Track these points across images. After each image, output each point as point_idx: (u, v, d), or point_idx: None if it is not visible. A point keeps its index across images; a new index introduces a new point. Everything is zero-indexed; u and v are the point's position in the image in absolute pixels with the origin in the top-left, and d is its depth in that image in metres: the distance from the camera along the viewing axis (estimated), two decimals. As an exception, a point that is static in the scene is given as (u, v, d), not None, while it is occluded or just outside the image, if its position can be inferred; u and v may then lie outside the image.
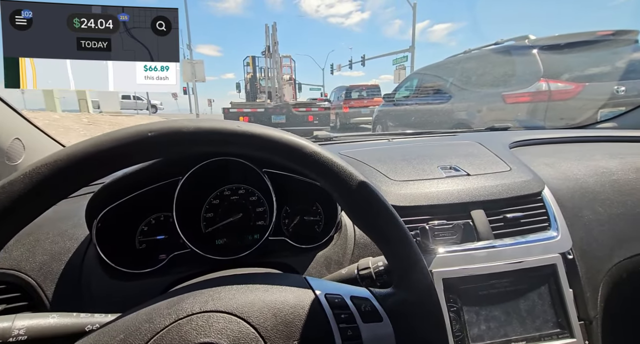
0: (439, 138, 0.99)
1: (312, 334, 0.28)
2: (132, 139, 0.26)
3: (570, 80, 3.15)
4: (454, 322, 0.48)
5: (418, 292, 0.31)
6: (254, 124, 0.30)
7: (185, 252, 0.48)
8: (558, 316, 0.50)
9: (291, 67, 9.47)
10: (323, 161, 0.30)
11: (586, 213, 0.61)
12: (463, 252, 0.51)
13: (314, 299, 0.30)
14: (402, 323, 0.30)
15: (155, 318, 0.27)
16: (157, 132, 0.27)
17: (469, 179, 0.61)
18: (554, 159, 0.73)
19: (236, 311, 0.28)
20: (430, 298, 0.30)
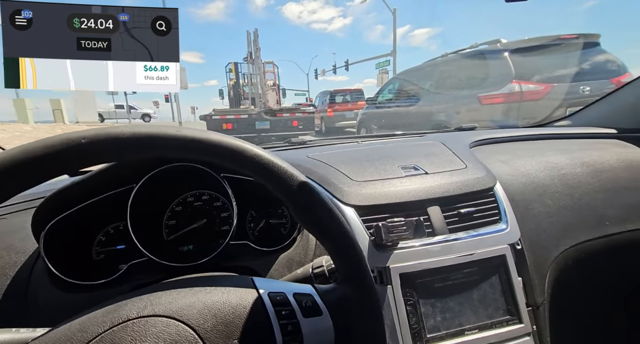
0: (406, 139, 1.02)
1: (252, 332, 0.29)
2: (64, 146, 0.26)
3: (541, 81, 3.32)
4: (410, 315, 0.50)
5: (357, 287, 0.32)
6: (197, 129, 0.31)
7: (143, 261, 0.48)
8: (508, 304, 0.53)
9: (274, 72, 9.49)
10: (265, 163, 0.32)
11: (536, 206, 0.65)
12: (419, 247, 0.54)
13: (257, 298, 0.31)
14: (341, 316, 0.31)
15: (89, 326, 0.27)
16: (91, 139, 0.27)
17: (426, 177, 0.63)
18: (509, 156, 0.77)
19: (175, 314, 0.28)
20: (368, 292, 0.32)
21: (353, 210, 0.57)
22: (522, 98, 3.37)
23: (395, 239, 0.50)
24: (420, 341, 0.49)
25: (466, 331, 0.51)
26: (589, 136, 0.89)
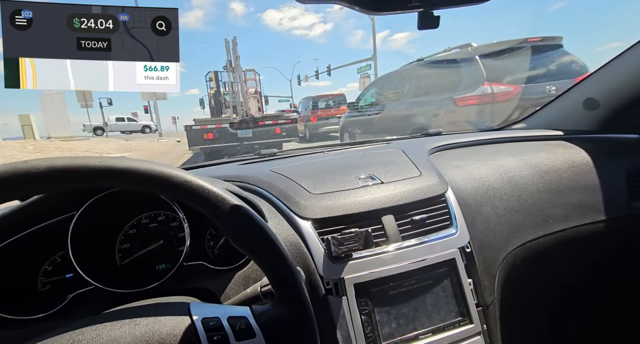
0: (370, 148, 1.05)
1: None
2: (22, 173, 0.26)
3: (511, 82, 3.48)
4: (366, 324, 0.52)
5: (292, 305, 0.33)
6: (122, 158, 0.32)
7: (90, 290, 0.47)
8: (459, 305, 0.56)
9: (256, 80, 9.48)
10: (195, 189, 0.33)
11: (486, 209, 0.68)
12: (372, 257, 0.56)
13: (189, 325, 0.32)
14: (275, 337, 0.32)
15: None
16: (45, 169, 0.27)
17: (381, 186, 0.66)
18: (464, 161, 0.81)
19: None
20: (303, 310, 0.33)
21: (309, 223, 0.58)
22: (494, 99, 3.51)
23: (346, 250, 0.52)
24: (375, 348, 0.51)
25: (420, 336, 0.53)
26: (540, 138, 0.95)
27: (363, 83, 16.30)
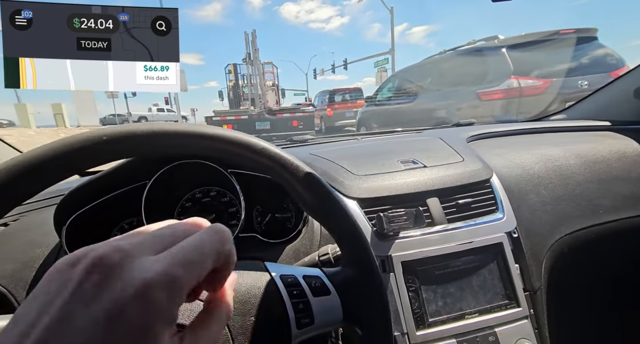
0: (404, 136, 1.05)
1: (267, 309, 0.32)
2: (87, 143, 0.28)
3: (539, 76, 3.33)
4: (413, 300, 0.53)
5: (361, 268, 0.35)
6: (208, 126, 0.34)
7: None
8: (506, 289, 0.56)
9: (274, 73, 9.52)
10: (271, 156, 0.34)
11: (531, 196, 0.67)
12: (419, 236, 0.56)
13: (269, 280, 0.34)
14: (348, 295, 0.34)
15: None
16: (111, 136, 0.30)
17: (425, 170, 0.66)
18: (505, 149, 0.79)
19: None
20: (372, 272, 0.35)
21: (355, 203, 0.59)
22: (521, 93, 3.38)
23: (396, 228, 0.53)
24: (423, 324, 0.52)
25: (466, 315, 0.53)
26: (583, 128, 0.92)
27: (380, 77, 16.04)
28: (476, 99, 3.72)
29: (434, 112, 4.37)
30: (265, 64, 8.80)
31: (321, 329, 0.33)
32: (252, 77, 8.32)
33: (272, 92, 8.37)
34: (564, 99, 2.69)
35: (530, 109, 3.35)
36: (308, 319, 0.32)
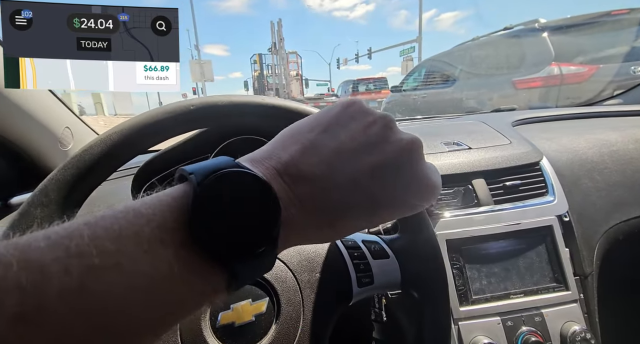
0: (444, 120, 1.03)
1: (331, 267, 0.34)
2: (179, 111, 0.32)
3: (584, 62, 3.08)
4: (457, 277, 0.53)
5: (419, 234, 0.36)
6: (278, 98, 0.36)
7: None
8: (554, 272, 0.55)
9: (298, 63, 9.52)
10: None
11: (584, 181, 0.64)
12: (465, 216, 0.56)
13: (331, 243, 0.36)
14: (406, 260, 0.35)
15: None
16: (197, 106, 0.33)
17: (470, 152, 0.65)
18: (555, 134, 0.76)
19: None
20: (429, 238, 0.36)
21: (399, 182, 0.60)
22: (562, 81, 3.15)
23: (444, 206, 0.53)
24: (466, 301, 0.52)
25: (512, 295, 0.53)
26: (643, 112, 0.85)
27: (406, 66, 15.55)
28: (511, 87, 3.51)
29: (463, 102, 4.18)
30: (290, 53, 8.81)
31: (380, 290, 0.35)
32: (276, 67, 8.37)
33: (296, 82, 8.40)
34: (616, 87, 2.49)
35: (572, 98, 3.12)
36: (368, 279, 0.34)
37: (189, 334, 0.30)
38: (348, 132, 0.20)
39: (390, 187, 0.20)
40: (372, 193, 0.19)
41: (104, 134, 0.31)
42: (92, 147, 0.30)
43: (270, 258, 0.17)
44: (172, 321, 0.16)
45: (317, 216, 0.19)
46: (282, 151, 0.19)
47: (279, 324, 0.31)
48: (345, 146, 0.19)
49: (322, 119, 0.21)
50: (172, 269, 0.14)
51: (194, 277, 0.15)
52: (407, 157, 0.21)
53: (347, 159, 0.19)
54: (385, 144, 0.20)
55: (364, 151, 0.19)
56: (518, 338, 0.51)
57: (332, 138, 0.20)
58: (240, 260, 0.16)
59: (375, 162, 0.19)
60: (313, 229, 0.19)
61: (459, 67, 4.50)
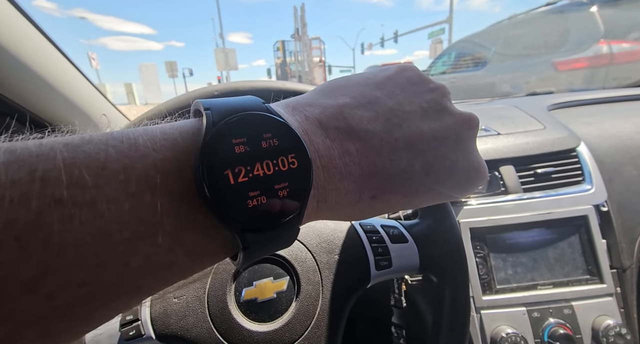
0: (472, 104, 0.98)
1: (349, 249, 0.34)
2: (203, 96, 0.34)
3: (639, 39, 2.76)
4: (480, 266, 0.52)
5: (438, 217, 0.35)
6: (300, 83, 0.36)
7: None
8: (588, 264, 0.52)
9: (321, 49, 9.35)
10: None
11: (628, 169, 0.59)
12: (491, 204, 0.54)
13: (350, 225, 0.36)
14: (425, 245, 0.35)
15: None
16: (221, 91, 0.34)
17: (499, 137, 0.62)
18: (596, 118, 0.70)
19: None
20: (449, 221, 0.35)
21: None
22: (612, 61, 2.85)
23: (468, 193, 0.52)
24: (490, 290, 0.51)
25: (539, 286, 0.51)
26: None
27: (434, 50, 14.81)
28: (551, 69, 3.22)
29: (496, 86, 3.93)
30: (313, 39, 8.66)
31: (398, 273, 0.35)
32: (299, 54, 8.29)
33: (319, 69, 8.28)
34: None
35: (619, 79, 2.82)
36: (386, 262, 0.34)
37: (216, 308, 0.32)
38: (406, 94, 0.18)
39: (447, 160, 0.17)
40: (428, 163, 0.17)
41: (136, 119, 0.33)
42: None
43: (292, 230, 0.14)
44: (154, 285, 0.12)
45: (361, 182, 0.15)
46: (329, 100, 0.16)
47: (298, 302, 0.32)
48: (404, 107, 0.17)
49: (377, 76, 0.18)
50: (162, 223, 0.11)
51: (189, 238, 0.12)
52: (467, 132, 0.19)
53: (406, 121, 0.17)
54: (446, 114, 0.18)
55: (425, 116, 0.17)
56: (545, 329, 0.49)
57: (389, 96, 0.17)
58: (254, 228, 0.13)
59: (437, 129, 0.17)
60: (351, 199, 0.16)
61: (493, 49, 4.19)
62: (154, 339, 0.30)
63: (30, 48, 0.43)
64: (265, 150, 0.13)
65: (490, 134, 0.64)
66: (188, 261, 0.12)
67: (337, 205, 0.16)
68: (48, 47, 0.49)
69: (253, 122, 0.13)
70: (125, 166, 0.11)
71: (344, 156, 0.15)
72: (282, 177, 0.13)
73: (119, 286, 0.11)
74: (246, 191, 0.12)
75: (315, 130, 0.15)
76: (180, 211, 0.12)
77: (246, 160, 0.12)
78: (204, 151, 0.12)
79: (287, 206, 0.13)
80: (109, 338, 0.30)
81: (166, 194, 0.12)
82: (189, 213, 0.12)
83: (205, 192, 0.12)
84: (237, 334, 0.30)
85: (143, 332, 0.30)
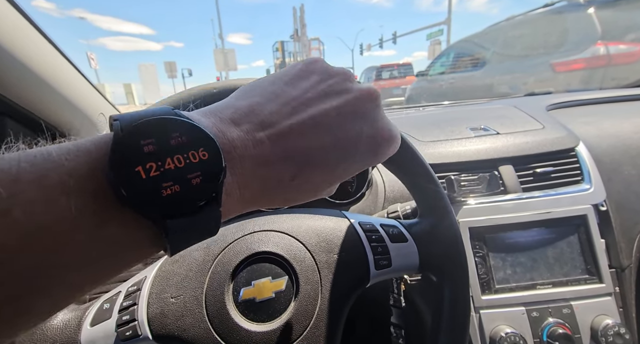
0: (471, 105, 0.98)
1: (348, 248, 0.34)
2: (202, 94, 0.34)
3: (637, 40, 2.77)
4: (479, 266, 0.52)
5: (438, 217, 0.35)
6: None
7: None
8: (587, 263, 0.52)
9: (320, 49, 9.37)
10: None
11: (627, 168, 0.59)
12: (490, 204, 0.54)
13: (349, 224, 0.36)
14: (425, 244, 0.35)
15: (227, 234, 0.35)
16: (219, 88, 0.34)
17: (498, 137, 0.62)
18: (595, 118, 0.70)
19: (287, 230, 0.35)
20: (450, 223, 0.35)
21: (421, 168, 0.58)
22: (609, 62, 2.86)
23: (467, 192, 0.51)
24: (489, 290, 0.51)
25: (538, 285, 0.51)
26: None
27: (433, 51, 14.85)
28: (549, 70, 3.24)
29: (495, 87, 3.94)
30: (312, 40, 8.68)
31: (397, 273, 0.35)
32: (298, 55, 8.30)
33: (318, 70, 8.30)
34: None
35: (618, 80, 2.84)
36: (386, 262, 0.34)
37: (214, 308, 0.32)
38: (309, 83, 0.20)
39: (352, 131, 0.20)
40: (336, 137, 0.19)
41: None
42: None
43: (212, 214, 0.15)
44: (86, 280, 0.14)
45: (278, 166, 0.18)
46: (241, 101, 0.19)
47: (297, 302, 0.32)
48: (307, 94, 0.20)
49: (284, 74, 0.21)
50: (80, 221, 0.12)
51: (109, 232, 0.13)
52: (369, 104, 0.21)
53: (310, 105, 0.19)
54: (346, 93, 0.21)
55: (326, 97, 0.20)
56: (544, 329, 0.49)
57: (294, 88, 0.20)
58: (172, 213, 0.14)
59: (338, 106, 0.20)
60: (274, 184, 0.18)
61: (491, 49, 4.21)
62: (150, 340, 0.30)
63: (27, 45, 0.43)
64: (175, 147, 0.14)
65: (490, 134, 0.64)
66: (113, 254, 0.14)
67: (262, 191, 0.18)
68: (45, 45, 0.49)
69: (160, 124, 0.14)
70: (40, 176, 0.12)
71: (257, 145, 0.17)
72: (194, 168, 0.14)
73: (50, 281, 0.12)
74: (159, 183, 0.13)
75: (228, 127, 0.17)
76: (95, 209, 0.13)
77: (156, 157, 0.14)
78: (113, 153, 0.13)
79: (201, 191, 0.14)
80: (105, 339, 0.30)
81: (80, 195, 0.13)
82: (106, 210, 0.13)
83: (119, 190, 0.13)
84: (235, 335, 0.30)
85: (140, 332, 0.29)
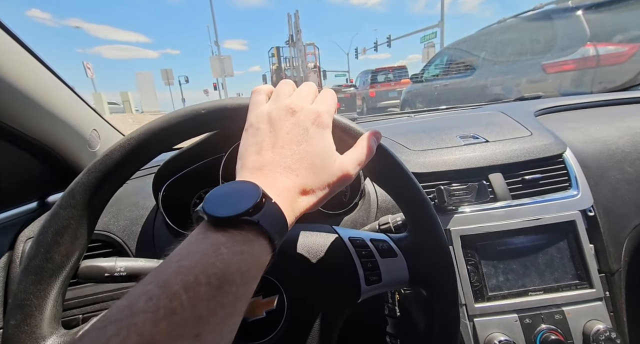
0: (461, 111, 0.99)
1: (339, 265, 0.35)
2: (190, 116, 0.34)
3: (624, 41, 2.82)
4: (472, 274, 0.53)
5: (427, 232, 0.36)
6: None
7: None
8: (577, 269, 0.53)
9: (315, 54, 9.42)
10: (342, 127, 0.36)
11: (613, 173, 0.60)
12: (480, 212, 0.55)
13: (339, 240, 0.36)
14: (414, 258, 0.36)
15: None
16: (208, 109, 0.34)
17: (487, 145, 0.63)
18: (581, 123, 0.72)
19: None
20: (438, 237, 0.36)
21: (412, 177, 0.59)
22: (598, 63, 2.91)
23: (457, 202, 0.52)
24: (482, 298, 0.52)
25: (530, 292, 0.52)
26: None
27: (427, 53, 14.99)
28: (540, 72, 3.28)
29: (488, 90, 3.98)
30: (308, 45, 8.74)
31: (387, 288, 0.36)
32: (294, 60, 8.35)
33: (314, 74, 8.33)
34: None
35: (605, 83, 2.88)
36: (376, 277, 0.34)
37: None
38: (280, 121, 0.30)
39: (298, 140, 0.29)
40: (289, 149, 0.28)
41: (122, 139, 0.33)
42: (113, 152, 0.32)
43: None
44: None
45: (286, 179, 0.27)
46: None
47: (289, 321, 0.33)
48: (276, 128, 0.30)
49: (270, 126, 0.30)
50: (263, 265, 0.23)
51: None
52: (313, 122, 0.30)
53: (278, 131, 0.29)
54: (296, 114, 0.30)
55: (285, 121, 0.30)
56: (537, 336, 0.49)
57: (270, 130, 0.30)
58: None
59: (290, 125, 0.30)
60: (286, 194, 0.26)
61: (483, 53, 4.27)
62: None
63: (14, 64, 0.44)
64: None
65: (479, 142, 0.65)
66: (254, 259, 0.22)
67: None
68: (33, 63, 0.49)
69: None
70: (257, 258, 0.22)
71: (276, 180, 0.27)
72: None
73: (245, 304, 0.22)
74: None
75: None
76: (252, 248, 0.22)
77: None
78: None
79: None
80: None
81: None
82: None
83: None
84: None
85: None
